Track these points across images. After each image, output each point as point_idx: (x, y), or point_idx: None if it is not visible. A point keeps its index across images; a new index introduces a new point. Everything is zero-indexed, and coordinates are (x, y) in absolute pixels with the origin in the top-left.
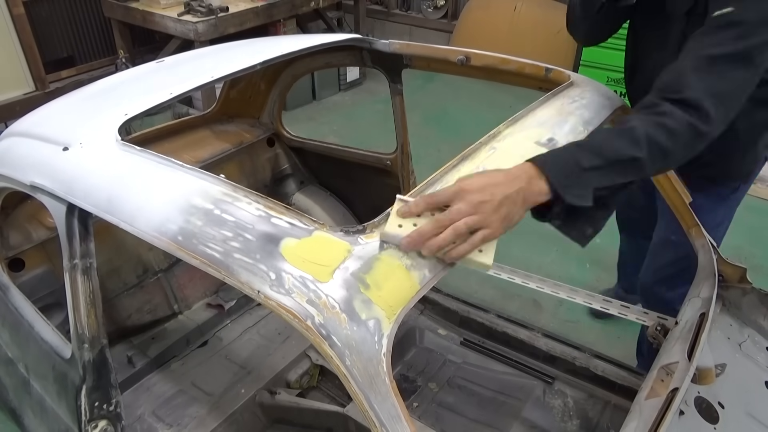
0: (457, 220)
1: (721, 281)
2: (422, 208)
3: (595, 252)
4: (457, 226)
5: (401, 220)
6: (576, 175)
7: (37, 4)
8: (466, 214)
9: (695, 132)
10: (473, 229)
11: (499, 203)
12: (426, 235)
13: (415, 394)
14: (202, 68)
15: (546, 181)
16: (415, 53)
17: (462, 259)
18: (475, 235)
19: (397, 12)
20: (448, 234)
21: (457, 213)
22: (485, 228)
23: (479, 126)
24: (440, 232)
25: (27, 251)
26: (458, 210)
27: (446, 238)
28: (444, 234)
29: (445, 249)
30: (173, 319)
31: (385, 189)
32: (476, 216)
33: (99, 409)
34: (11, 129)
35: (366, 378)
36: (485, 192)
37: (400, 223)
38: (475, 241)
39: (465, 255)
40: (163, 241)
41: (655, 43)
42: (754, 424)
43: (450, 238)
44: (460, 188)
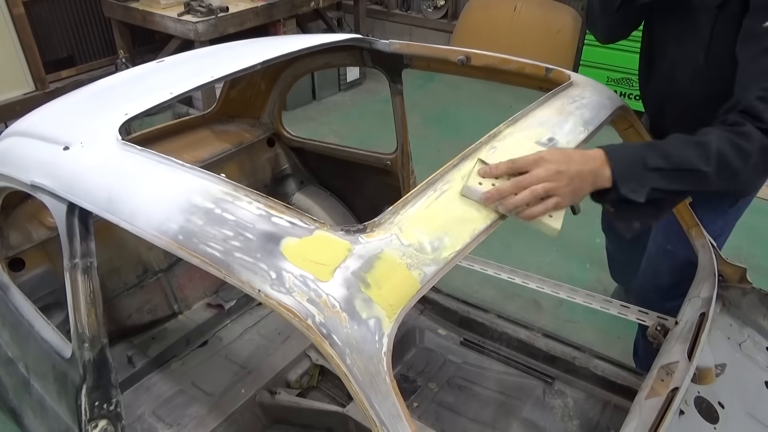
0: (535, 184)
1: (721, 281)
2: (503, 170)
3: (595, 252)
4: (535, 188)
5: (481, 179)
6: (638, 171)
7: (37, 4)
8: (544, 180)
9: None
10: (548, 195)
11: (573, 176)
12: (505, 192)
13: (415, 394)
14: (202, 68)
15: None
16: (415, 53)
17: (533, 220)
18: (548, 200)
19: (397, 12)
20: (525, 194)
21: (536, 177)
22: (557, 196)
23: (479, 126)
24: (517, 193)
25: (27, 251)
26: (537, 175)
27: (524, 197)
28: (522, 194)
29: (519, 209)
30: (173, 319)
31: (385, 189)
32: (552, 183)
33: (99, 409)
34: (11, 129)
35: (366, 377)
36: (562, 164)
37: (480, 181)
38: (549, 205)
39: (538, 216)
40: (163, 240)
41: (675, 36)
42: (754, 424)
43: (527, 199)
44: (540, 157)
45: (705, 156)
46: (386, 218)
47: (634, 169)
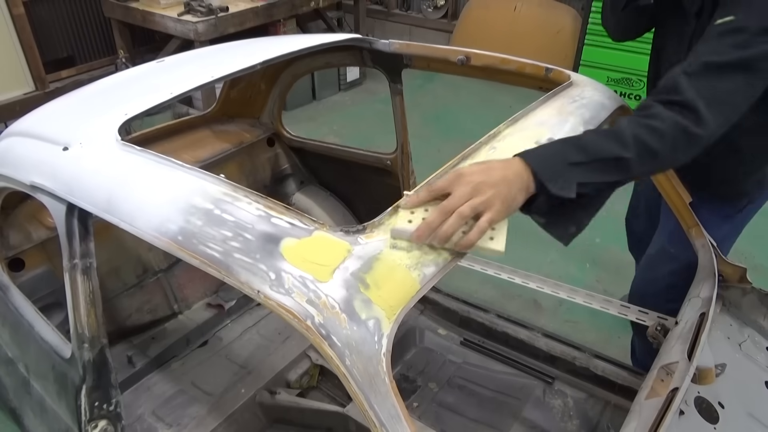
0: (460, 204)
1: (721, 281)
2: (424, 197)
3: (595, 252)
4: (461, 210)
5: (410, 215)
6: (560, 168)
7: (37, 4)
8: (468, 197)
9: (686, 133)
10: (477, 213)
11: (497, 183)
12: (433, 224)
13: (415, 394)
14: (202, 68)
15: (531, 173)
16: (415, 53)
17: (474, 247)
18: (480, 220)
19: (397, 12)
20: (453, 220)
21: (459, 197)
22: (488, 210)
23: (479, 126)
24: (446, 219)
25: (27, 251)
26: (460, 194)
27: (453, 224)
28: (450, 220)
29: (454, 240)
30: (173, 319)
31: (385, 189)
32: (478, 197)
33: (99, 409)
34: (11, 129)
35: (366, 378)
36: (482, 174)
37: (410, 219)
38: (482, 226)
39: (475, 242)
40: (163, 240)
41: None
42: (754, 424)
43: (456, 224)
44: (458, 174)
45: (622, 142)
46: (386, 218)
47: (557, 167)
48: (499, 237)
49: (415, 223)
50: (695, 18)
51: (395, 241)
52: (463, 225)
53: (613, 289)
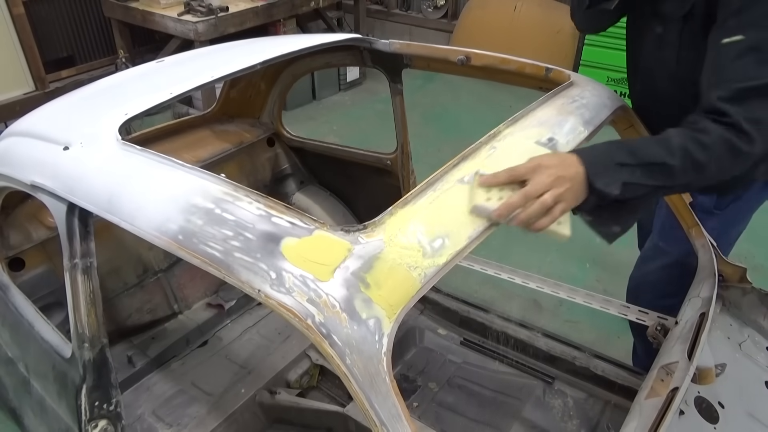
0: (541, 192)
1: (721, 281)
2: (503, 179)
3: (595, 252)
4: (545, 199)
5: (486, 194)
6: (607, 166)
7: (37, 4)
8: (549, 187)
9: (733, 149)
10: (555, 203)
11: (572, 178)
12: (514, 206)
13: (415, 393)
14: (202, 68)
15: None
16: (415, 53)
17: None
18: (554, 207)
19: (397, 12)
20: (536, 206)
21: (541, 185)
22: (563, 201)
23: (479, 126)
24: (525, 204)
25: (27, 251)
26: (541, 182)
27: (536, 209)
28: (534, 206)
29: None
30: (173, 318)
31: (385, 189)
32: (557, 189)
33: (99, 409)
34: (11, 129)
35: (366, 377)
36: (561, 168)
37: (488, 197)
38: (555, 214)
39: (547, 227)
40: (163, 240)
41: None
42: (754, 424)
43: (538, 211)
44: (538, 164)
45: (668, 150)
46: (386, 218)
47: (605, 166)
48: (566, 222)
49: (493, 203)
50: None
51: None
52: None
53: (613, 289)
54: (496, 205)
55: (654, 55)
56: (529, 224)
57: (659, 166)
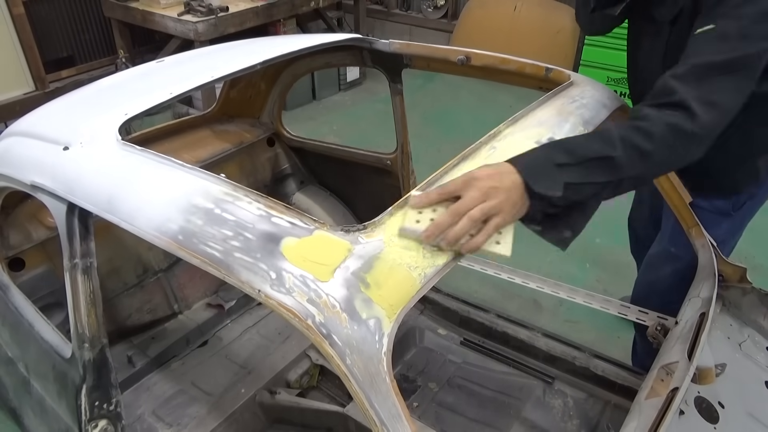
0: (471, 208)
1: (721, 281)
2: (434, 198)
3: (595, 252)
4: (472, 213)
5: (418, 215)
6: (547, 170)
7: (37, 4)
8: (479, 201)
9: (678, 131)
10: (487, 217)
11: (508, 189)
12: (443, 225)
13: (415, 393)
14: (202, 68)
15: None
16: (415, 53)
17: (480, 251)
18: (488, 223)
19: (397, 12)
20: (464, 223)
21: (470, 200)
22: (497, 215)
23: (479, 126)
24: (456, 222)
25: (27, 251)
26: (471, 197)
27: (463, 226)
28: (461, 223)
29: (461, 242)
30: (173, 318)
31: (385, 189)
32: (489, 202)
33: (99, 409)
34: (11, 129)
35: (366, 377)
36: (495, 179)
37: (418, 219)
38: (489, 230)
39: (481, 246)
40: (163, 240)
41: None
42: (754, 424)
43: (467, 227)
44: (471, 177)
45: (608, 142)
46: (386, 218)
47: (543, 170)
48: (506, 241)
49: (424, 224)
50: (670, 25)
51: (400, 239)
52: (473, 229)
53: (613, 289)
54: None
55: (650, 56)
56: (461, 243)
57: (601, 161)
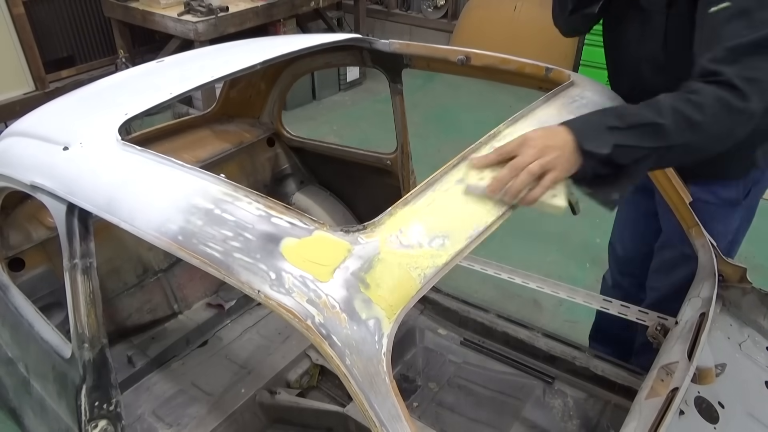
0: (529, 163)
1: (721, 281)
2: (493, 159)
3: (595, 252)
4: (531, 167)
5: (479, 174)
6: (598, 131)
7: (37, 4)
8: (536, 157)
9: (728, 106)
10: (543, 171)
11: (561, 146)
12: (504, 179)
13: (415, 394)
14: (202, 68)
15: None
16: (415, 53)
17: (537, 203)
18: (544, 178)
19: (397, 12)
20: (524, 176)
21: (528, 156)
22: (553, 170)
23: (479, 126)
24: (517, 175)
25: (27, 251)
26: (528, 154)
27: (523, 179)
28: (521, 176)
29: (521, 195)
30: (173, 318)
31: (385, 189)
32: (545, 158)
33: (99, 409)
34: (11, 129)
35: (366, 378)
36: (548, 138)
37: (481, 177)
38: (546, 183)
39: (539, 197)
40: (163, 240)
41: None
42: (754, 424)
43: (527, 180)
44: (524, 138)
45: (658, 110)
46: (386, 218)
47: (594, 131)
48: (561, 195)
49: (486, 181)
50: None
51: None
52: (532, 182)
53: None
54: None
55: (639, 49)
56: (521, 196)
57: (650, 127)
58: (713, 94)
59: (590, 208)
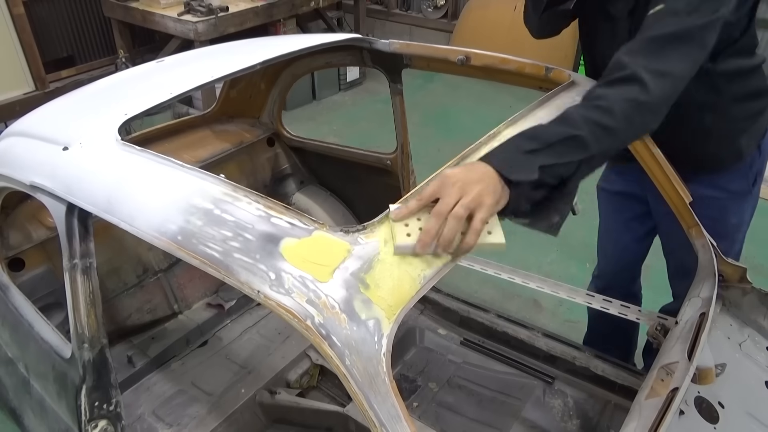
0: (452, 206)
1: (721, 281)
2: (414, 207)
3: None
4: (456, 211)
5: (405, 227)
6: (519, 158)
7: (37, 4)
8: (458, 197)
9: (636, 103)
10: (470, 211)
11: (481, 179)
12: (432, 231)
13: (415, 394)
14: (202, 68)
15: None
16: (415, 53)
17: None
18: (473, 220)
19: (397, 12)
20: (451, 223)
21: (450, 198)
22: (480, 207)
23: (479, 126)
24: (444, 224)
25: (27, 251)
26: (449, 195)
27: (451, 227)
28: (448, 224)
29: (455, 243)
30: (173, 318)
31: (385, 189)
32: (467, 196)
33: (99, 409)
34: (11, 129)
35: (366, 378)
36: (466, 173)
37: (408, 232)
38: (477, 226)
39: (475, 243)
40: (162, 240)
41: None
42: (754, 424)
43: (455, 227)
44: (442, 176)
45: (570, 123)
46: (386, 218)
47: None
48: (496, 231)
49: (414, 235)
50: (629, 16)
51: None
52: (461, 226)
53: None
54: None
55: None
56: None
57: (568, 141)
58: (619, 95)
59: (590, 209)
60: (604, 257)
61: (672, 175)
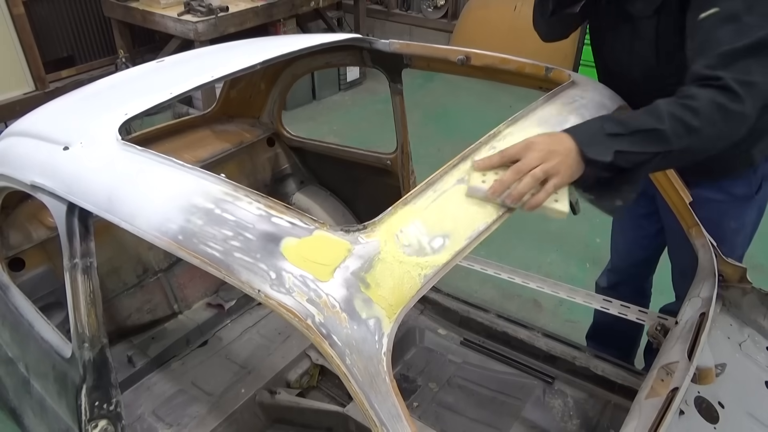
0: (532, 167)
1: (721, 281)
2: (497, 161)
3: (595, 252)
4: (535, 172)
5: (482, 176)
6: (600, 138)
7: (37, 4)
8: (539, 161)
9: (723, 109)
10: (547, 176)
11: (564, 152)
12: (507, 182)
13: (415, 393)
14: (202, 68)
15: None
16: (415, 53)
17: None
18: (547, 183)
19: (397, 12)
20: (527, 180)
21: (532, 160)
22: (556, 175)
23: (479, 126)
24: (520, 179)
25: (27, 251)
26: (532, 158)
27: (527, 183)
28: (524, 180)
29: (524, 199)
30: (173, 318)
31: (385, 189)
32: (548, 163)
33: (99, 409)
34: (11, 129)
35: (366, 377)
36: (552, 143)
37: (483, 179)
38: (549, 189)
39: (542, 203)
40: (163, 240)
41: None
42: (754, 424)
43: (530, 184)
44: (529, 142)
45: (657, 116)
46: (386, 218)
47: (596, 138)
48: (563, 200)
49: (489, 183)
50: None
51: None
52: (535, 186)
53: None
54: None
55: (629, 54)
56: (524, 200)
57: (650, 133)
58: (709, 98)
59: (590, 209)
60: (615, 252)
61: (672, 175)
